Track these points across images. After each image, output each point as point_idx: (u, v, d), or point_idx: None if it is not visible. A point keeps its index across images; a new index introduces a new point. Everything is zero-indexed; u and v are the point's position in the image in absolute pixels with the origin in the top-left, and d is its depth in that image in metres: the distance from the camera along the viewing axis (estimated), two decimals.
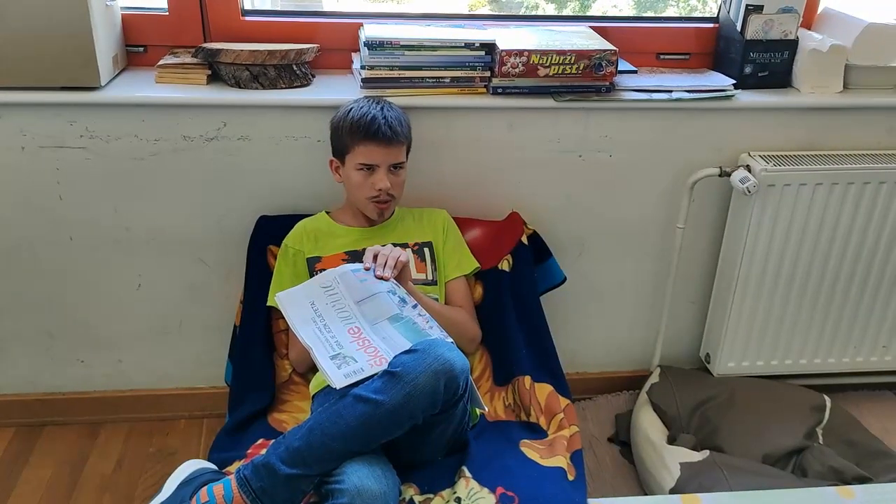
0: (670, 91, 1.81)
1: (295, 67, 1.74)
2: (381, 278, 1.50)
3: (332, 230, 1.72)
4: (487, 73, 1.75)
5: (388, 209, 1.68)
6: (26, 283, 1.87)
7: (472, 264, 1.78)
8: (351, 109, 1.62)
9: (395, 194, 1.66)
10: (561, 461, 1.49)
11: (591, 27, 1.88)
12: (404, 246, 1.71)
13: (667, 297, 2.07)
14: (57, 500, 1.80)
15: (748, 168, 1.85)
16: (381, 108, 1.61)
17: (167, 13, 1.78)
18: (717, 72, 1.91)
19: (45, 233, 1.82)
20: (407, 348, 1.36)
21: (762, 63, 1.86)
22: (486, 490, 1.39)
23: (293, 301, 1.48)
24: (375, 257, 1.53)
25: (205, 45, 1.74)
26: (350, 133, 1.60)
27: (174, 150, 1.75)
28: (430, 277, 1.71)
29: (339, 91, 1.75)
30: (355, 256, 1.67)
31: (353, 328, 1.44)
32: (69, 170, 1.75)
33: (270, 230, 1.78)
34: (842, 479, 1.73)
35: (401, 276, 1.55)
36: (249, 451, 1.53)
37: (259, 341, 1.72)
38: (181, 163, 1.77)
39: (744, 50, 1.84)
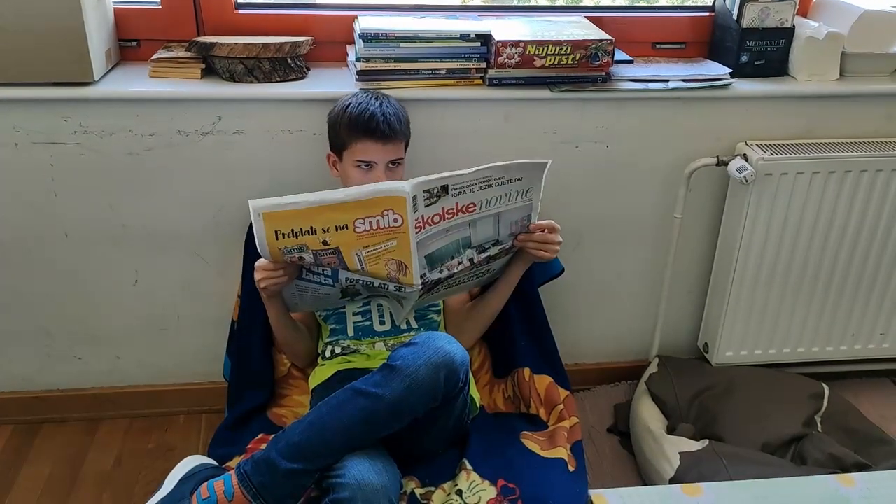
0: (667, 81, 1.80)
1: (290, 60, 1.73)
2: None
3: None
4: (483, 65, 1.75)
5: None
6: (22, 280, 1.86)
7: None
8: (349, 104, 1.59)
9: None
10: (561, 452, 1.50)
11: (586, 17, 1.87)
12: None
13: (664, 288, 2.07)
14: (56, 497, 1.80)
15: (745, 157, 1.85)
16: (380, 104, 1.58)
17: (160, 7, 1.77)
18: (714, 61, 1.90)
19: (39, 230, 1.80)
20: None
21: (758, 51, 1.85)
22: (487, 482, 1.40)
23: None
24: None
25: (198, 38, 1.73)
26: (348, 129, 1.58)
27: (169, 145, 1.74)
28: None
29: (334, 84, 1.74)
30: None
31: None
32: (63, 166, 1.74)
33: None
34: (841, 466, 1.74)
35: None
36: (249, 446, 1.53)
37: (257, 336, 1.71)
38: (176, 158, 1.76)
39: (740, 38, 1.83)
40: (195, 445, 1.96)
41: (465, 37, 1.72)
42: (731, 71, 1.84)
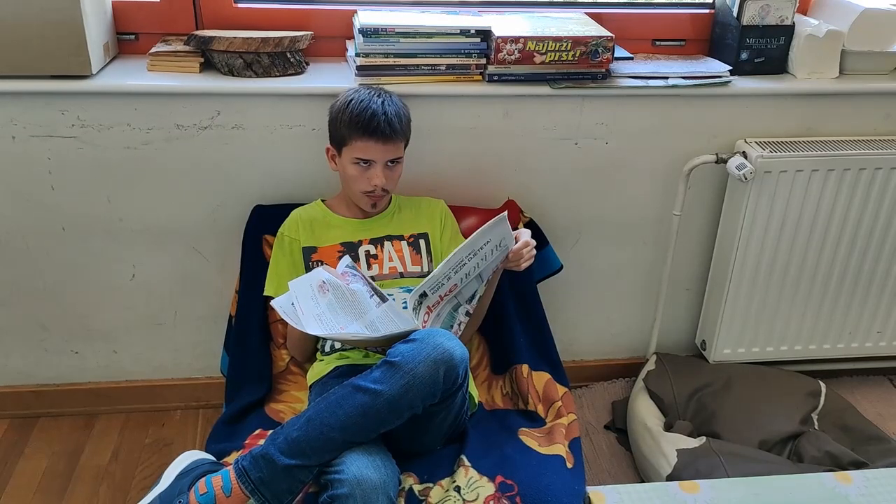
0: (666, 78, 1.80)
1: (289, 55, 1.72)
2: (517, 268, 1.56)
3: (328, 220, 1.71)
4: (483, 61, 1.74)
5: (381, 202, 1.67)
6: (18, 274, 1.85)
7: None
8: (351, 101, 1.57)
9: (390, 188, 1.65)
10: (559, 449, 1.50)
11: (586, 13, 1.87)
12: (399, 238, 1.70)
13: (663, 285, 2.07)
14: (53, 492, 1.80)
15: (744, 155, 1.85)
16: (382, 102, 1.57)
17: (158, 0, 1.76)
18: (713, 58, 1.90)
19: (36, 223, 1.80)
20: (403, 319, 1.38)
21: (758, 49, 1.85)
22: (485, 478, 1.40)
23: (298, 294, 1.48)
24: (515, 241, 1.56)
25: (197, 32, 1.72)
26: (349, 126, 1.57)
27: (167, 139, 1.74)
28: (425, 269, 1.70)
29: (333, 79, 1.73)
30: (350, 248, 1.67)
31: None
32: (61, 159, 1.73)
33: (265, 219, 1.76)
34: (837, 463, 1.74)
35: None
36: (247, 441, 1.52)
37: (255, 331, 1.71)
38: (175, 152, 1.75)
39: (740, 36, 1.83)
40: (192, 441, 1.96)
41: (464, 32, 1.71)
42: (730, 68, 1.84)
